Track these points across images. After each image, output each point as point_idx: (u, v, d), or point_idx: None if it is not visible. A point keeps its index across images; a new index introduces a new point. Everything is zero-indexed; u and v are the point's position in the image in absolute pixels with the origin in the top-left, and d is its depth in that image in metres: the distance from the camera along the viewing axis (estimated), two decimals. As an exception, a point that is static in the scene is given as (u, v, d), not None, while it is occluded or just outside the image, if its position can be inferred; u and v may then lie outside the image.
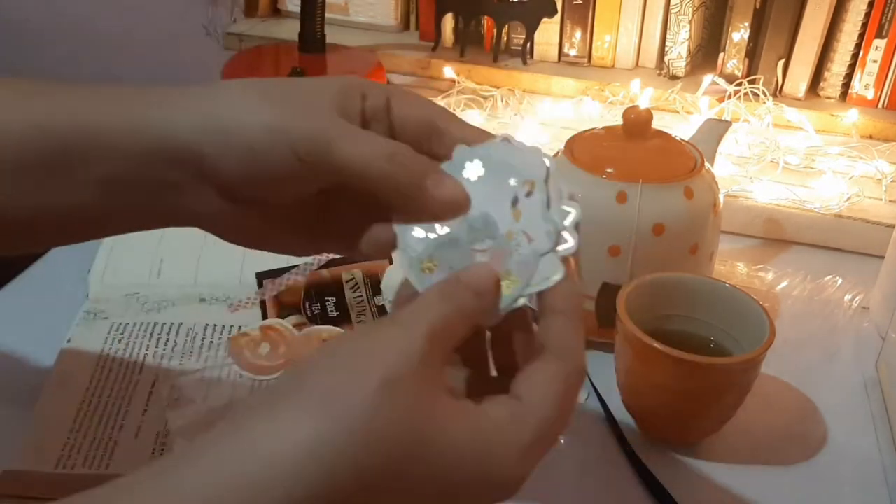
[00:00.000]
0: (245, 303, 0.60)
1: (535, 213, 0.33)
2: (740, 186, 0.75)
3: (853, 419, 0.55)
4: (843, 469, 0.51)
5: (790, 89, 0.93)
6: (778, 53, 0.91)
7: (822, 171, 0.79)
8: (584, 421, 0.54)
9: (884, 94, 0.90)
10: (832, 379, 0.59)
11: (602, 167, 0.56)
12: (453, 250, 0.34)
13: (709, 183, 0.58)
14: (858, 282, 0.69)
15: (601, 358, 0.57)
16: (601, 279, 0.56)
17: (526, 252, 0.33)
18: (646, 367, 0.49)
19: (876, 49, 0.88)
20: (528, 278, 0.32)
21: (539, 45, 1.01)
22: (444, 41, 1.05)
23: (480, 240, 0.34)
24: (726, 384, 0.48)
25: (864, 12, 0.87)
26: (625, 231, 0.55)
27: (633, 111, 0.58)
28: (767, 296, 0.67)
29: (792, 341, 0.61)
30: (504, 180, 0.34)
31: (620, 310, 0.49)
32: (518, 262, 0.33)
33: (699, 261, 0.58)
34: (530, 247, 0.33)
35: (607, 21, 0.98)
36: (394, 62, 1.02)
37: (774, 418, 0.55)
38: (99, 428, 0.50)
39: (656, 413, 0.50)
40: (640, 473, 0.49)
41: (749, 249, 0.74)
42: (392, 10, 1.10)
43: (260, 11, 1.14)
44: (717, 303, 0.52)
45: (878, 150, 0.82)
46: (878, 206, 0.74)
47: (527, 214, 0.33)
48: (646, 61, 1.00)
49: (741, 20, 0.92)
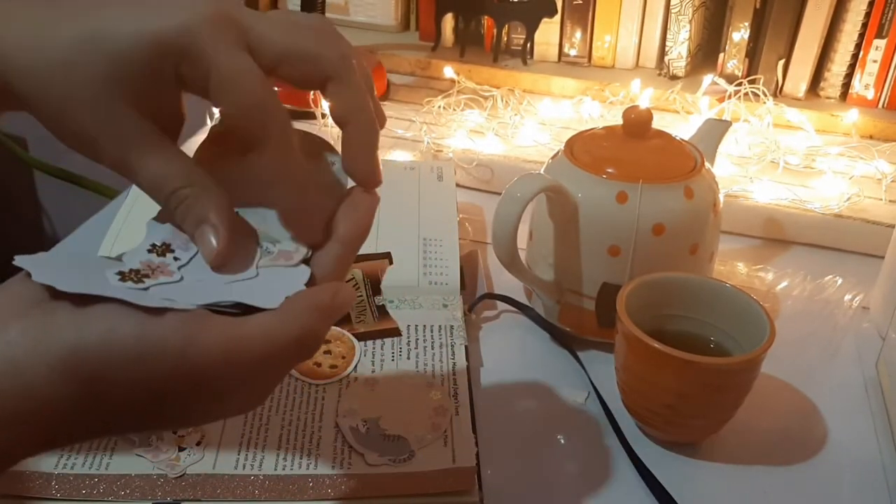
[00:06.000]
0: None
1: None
2: (740, 186, 0.75)
3: (853, 419, 0.55)
4: (843, 469, 0.51)
5: (790, 89, 0.93)
6: (778, 53, 0.91)
7: (822, 171, 0.79)
8: (584, 421, 0.54)
9: (884, 94, 0.90)
10: (832, 379, 0.59)
11: (602, 167, 0.56)
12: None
13: (709, 183, 0.58)
14: (858, 282, 0.69)
15: (601, 358, 0.57)
16: (601, 279, 0.57)
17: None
18: (646, 367, 0.49)
19: (876, 49, 0.88)
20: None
21: (539, 45, 1.01)
22: (444, 41, 1.05)
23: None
24: (726, 384, 0.48)
25: (864, 12, 0.87)
26: (625, 231, 0.55)
27: (633, 111, 0.58)
28: (767, 296, 0.67)
29: (792, 341, 0.61)
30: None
31: (620, 310, 0.49)
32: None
33: (699, 261, 0.58)
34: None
35: (607, 21, 0.98)
36: (394, 62, 1.02)
37: (774, 418, 0.55)
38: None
39: (656, 413, 0.50)
40: (641, 473, 0.49)
41: (749, 249, 0.74)
42: (392, 10, 1.10)
43: (260, 11, 1.14)
44: (717, 303, 0.52)
45: (878, 150, 0.82)
46: (878, 206, 0.74)
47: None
48: (646, 61, 1.00)
49: (741, 20, 0.92)
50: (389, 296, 0.61)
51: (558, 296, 0.59)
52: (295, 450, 0.49)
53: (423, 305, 0.61)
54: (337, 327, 0.58)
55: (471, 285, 0.66)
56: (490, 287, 0.66)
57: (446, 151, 0.81)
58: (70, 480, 0.46)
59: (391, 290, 0.61)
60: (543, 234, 0.59)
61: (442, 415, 0.51)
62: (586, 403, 0.55)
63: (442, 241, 0.65)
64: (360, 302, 0.61)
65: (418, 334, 0.58)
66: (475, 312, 0.63)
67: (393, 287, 0.61)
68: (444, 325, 0.59)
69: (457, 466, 0.47)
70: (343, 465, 0.48)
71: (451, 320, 0.60)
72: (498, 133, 0.84)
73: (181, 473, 0.47)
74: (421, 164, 0.75)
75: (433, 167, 0.73)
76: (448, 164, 0.75)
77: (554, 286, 0.59)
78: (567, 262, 0.58)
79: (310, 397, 0.53)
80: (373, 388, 0.54)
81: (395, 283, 0.62)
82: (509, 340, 0.61)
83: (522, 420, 0.54)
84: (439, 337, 0.58)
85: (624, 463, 0.51)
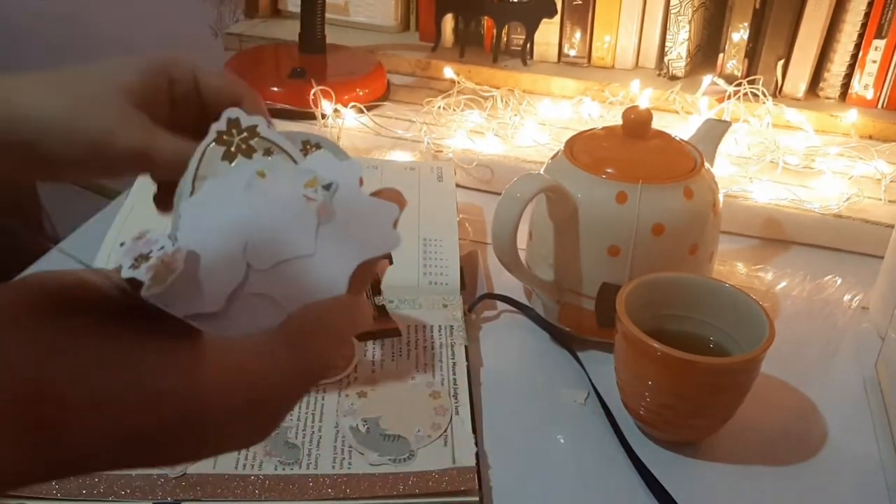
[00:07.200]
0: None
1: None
2: (740, 186, 0.75)
3: (853, 419, 0.55)
4: (842, 469, 0.51)
5: (790, 89, 0.93)
6: (777, 54, 0.91)
7: (821, 172, 0.79)
8: (584, 421, 0.54)
9: (883, 94, 0.90)
10: (832, 379, 0.59)
11: (602, 167, 0.56)
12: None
13: (708, 183, 0.58)
14: (858, 282, 0.69)
15: (601, 358, 0.57)
16: (601, 279, 0.57)
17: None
18: (646, 367, 0.49)
19: (875, 49, 0.88)
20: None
21: (539, 45, 1.01)
22: (444, 41, 1.05)
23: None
24: (726, 384, 0.49)
25: (863, 12, 0.87)
26: (625, 231, 0.55)
27: (633, 111, 0.58)
28: (767, 296, 0.67)
29: (792, 341, 0.61)
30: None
31: (620, 310, 0.50)
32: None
33: (699, 261, 0.58)
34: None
35: (607, 21, 0.98)
36: (394, 62, 1.02)
37: (774, 418, 0.55)
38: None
39: (656, 413, 0.50)
40: (641, 473, 0.49)
41: (749, 249, 0.74)
42: (392, 11, 1.10)
43: (260, 11, 1.14)
44: (717, 303, 0.52)
45: (878, 150, 0.82)
46: (877, 206, 0.74)
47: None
48: (645, 62, 1.00)
49: (741, 20, 0.92)
50: (389, 296, 0.61)
51: (558, 296, 0.59)
52: (295, 450, 0.49)
53: (423, 305, 0.61)
54: (337, 327, 0.58)
55: (471, 285, 0.66)
56: (490, 287, 0.66)
57: (446, 152, 0.81)
58: (70, 480, 0.46)
59: (391, 290, 0.61)
60: (543, 235, 0.59)
61: (442, 415, 0.51)
62: (586, 403, 0.55)
63: (442, 241, 0.65)
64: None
65: (418, 334, 0.58)
66: (475, 312, 0.63)
67: (393, 287, 0.61)
68: (444, 325, 0.59)
69: (457, 466, 0.47)
70: (343, 465, 0.48)
71: (451, 320, 0.60)
72: (498, 133, 0.84)
73: (181, 473, 0.47)
74: (421, 164, 0.75)
75: (433, 167, 0.74)
76: (448, 164, 0.75)
77: (554, 286, 0.59)
78: (567, 262, 0.58)
79: (310, 397, 0.53)
80: (373, 388, 0.54)
81: (395, 283, 0.62)
82: (509, 340, 0.61)
83: (522, 420, 0.54)
84: (439, 337, 0.58)
85: (624, 463, 0.51)
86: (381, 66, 0.97)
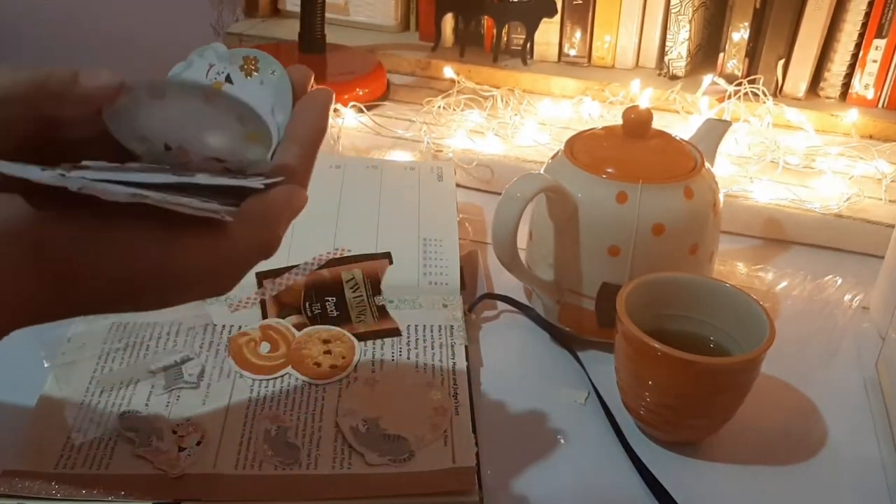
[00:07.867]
0: (245, 302, 0.60)
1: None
2: (740, 186, 0.75)
3: (853, 419, 0.55)
4: (843, 469, 0.51)
5: (790, 89, 0.93)
6: (778, 53, 0.91)
7: (821, 171, 0.79)
8: (584, 421, 0.54)
9: (884, 94, 0.90)
10: (832, 379, 0.59)
11: (602, 167, 0.56)
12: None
13: (709, 183, 0.58)
14: (858, 282, 0.69)
15: (601, 358, 0.57)
16: (601, 279, 0.57)
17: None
18: (646, 367, 0.49)
19: (876, 49, 0.88)
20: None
21: (539, 45, 1.01)
22: (444, 41, 1.05)
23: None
24: (726, 384, 0.48)
25: (864, 12, 0.87)
26: (625, 231, 0.55)
27: (633, 111, 0.58)
28: (767, 296, 0.67)
29: (792, 341, 0.61)
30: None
31: (620, 310, 0.49)
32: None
33: (699, 261, 0.58)
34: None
35: (607, 21, 0.98)
36: (394, 62, 1.02)
37: (774, 418, 0.55)
38: (99, 428, 0.50)
39: (656, 413, 0.50)
40: (641, 473, 0.49)
41: (749, 249, 0.74)
42: (392, 10, 1.10)
43: (260, 11, 1.14)
44: (717, 303, 0.52)
45: (878, 150, 0.82)
46: (878, 206, 0.74)
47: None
48: (646, 61, 1.00)
49: (741, 20, 0.92)
50: (389, 296, 0.61)
51: (558, 296, 0.59)
52: (295, 450, 0.49)
53: (423, 305, 0.61)
54: (337, 327, 0.58)
55: (471, 285, 0.66)
56: (490, 287, 0.66)
57: (446, 151, 0.81)
58: (70, 480, 0.46)
59: (391, 290, 0.61)
60: (543, 235, 0.59)
61: (442, 415, 0.51)
62: (586, 403, 0.55)
63: (442, 241, 0.65)
64: (360, 302, 0.61)
65: (418, 334, 0.58)
66: (475, 312, 0.63)
67: (393, 287, 0.61)
68: (444, 325, 0.59)
69: (457, 466, 0.47)
70: (343, 465, 0.48)
71: (451, 320, 0.60)
72: (498, 133, 0.84)
73: (181, 473, 0.47)
74: (421, 164, 0.75)
75: (433, 167, 0.74)
76: (448, 164, 0.75)
77: (554, 286, 0.59)
78: (567, 262, 0.58)
79: (310, 397, 0.53)
80: (373, 388, 0.54)
81: (395, 283, 0.62)
82: (509, 340, 0.61)
83: (522, 420, 0.54)
84: (439, 337, 0.58)
85: (624, 463, 0.51)
86: (381, 65, 0.97)
